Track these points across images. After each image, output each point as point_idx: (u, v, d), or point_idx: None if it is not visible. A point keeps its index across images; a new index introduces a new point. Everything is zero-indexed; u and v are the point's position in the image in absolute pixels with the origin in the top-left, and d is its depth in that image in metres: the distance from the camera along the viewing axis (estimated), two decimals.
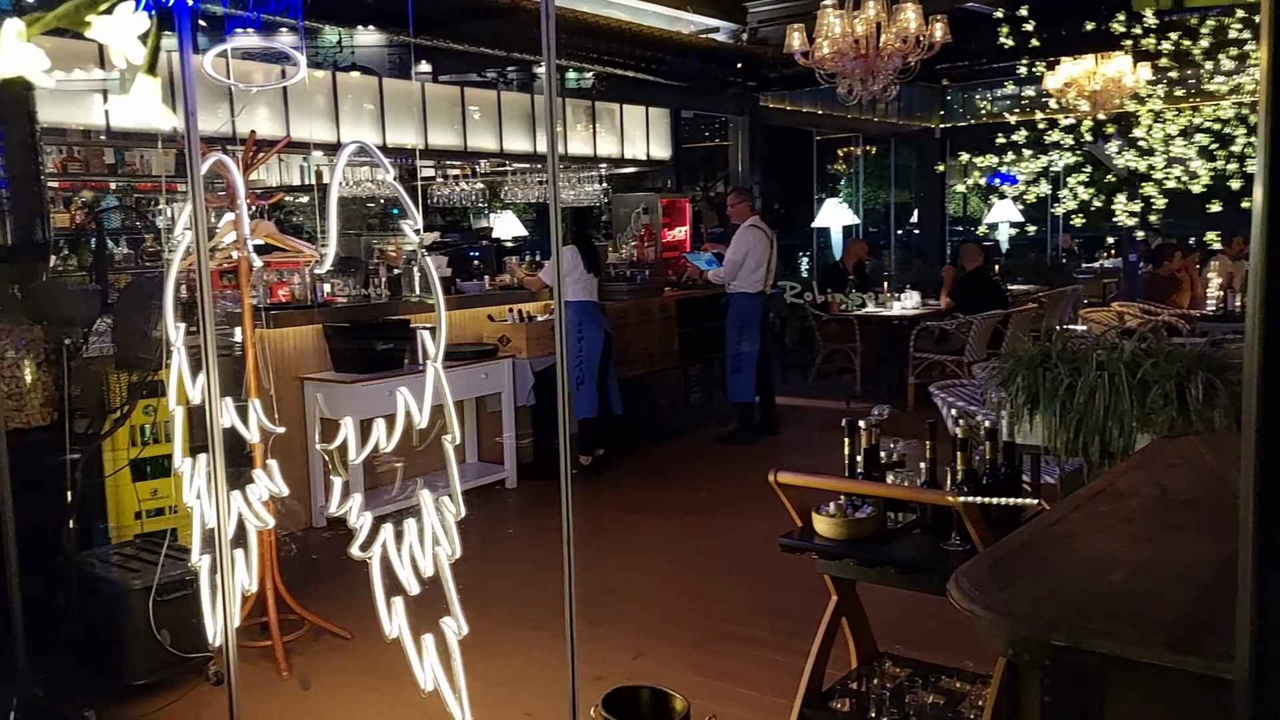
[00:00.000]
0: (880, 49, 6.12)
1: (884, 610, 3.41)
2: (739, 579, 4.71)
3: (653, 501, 6.09)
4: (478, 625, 2.71)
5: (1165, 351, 4.20)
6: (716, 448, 7.43)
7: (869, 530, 2.82)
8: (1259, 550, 1.26)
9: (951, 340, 8.63)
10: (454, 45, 7.27)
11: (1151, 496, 2.48)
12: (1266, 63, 1.21)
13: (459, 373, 5.84)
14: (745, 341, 7.41)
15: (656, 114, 10.05)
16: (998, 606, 1.80)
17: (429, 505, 2.64)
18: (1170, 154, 9.06)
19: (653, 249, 8.67)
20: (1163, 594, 1.82)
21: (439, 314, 2.82)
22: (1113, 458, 4.00)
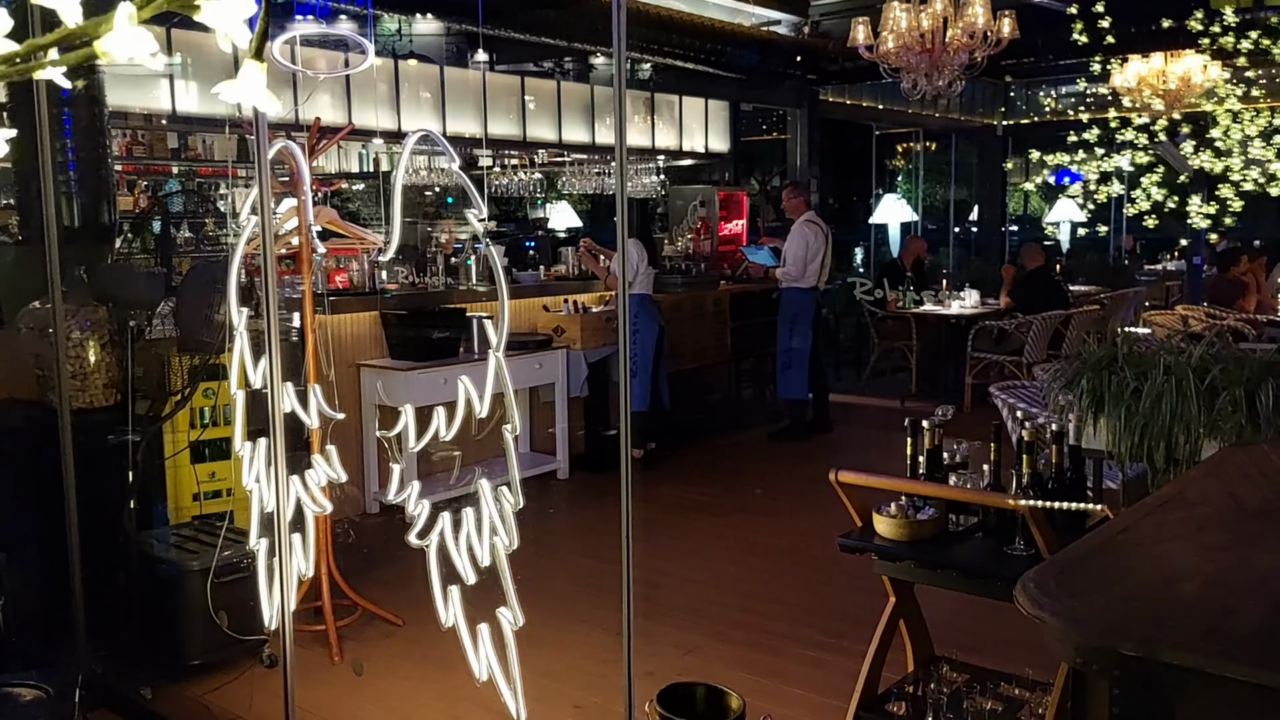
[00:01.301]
0: (946, 44, 6.01)
1: (940, 614, 3.36)
2: (790, 578, 4.67)
3: (703, 497, 6.06)
4: (531, 616, 2.72)
5: (1234, 357, 4.08)
6: (767, 444, 7.38)
7: (930, 532, 2.77)
8: None
9: (1010, 340, 8.48)
10: (517, 35, 7.28)
11: (1224, 506, 2.41)
12: None
13: (514, 362, 5.86)
14: (797, 337, 7.35)
15: (715, 106, 9.99)
16: (1066, 614, 1.75)
17: (488, 495, 2.65)
18: (1248, 155, 8.80)
19: (709, 242, 8.63)
20: (1237, 606, 1.77)
21: (501, 303, 2.83)
22: (1178, 464, 3.90)
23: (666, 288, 7.35)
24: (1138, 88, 8.32)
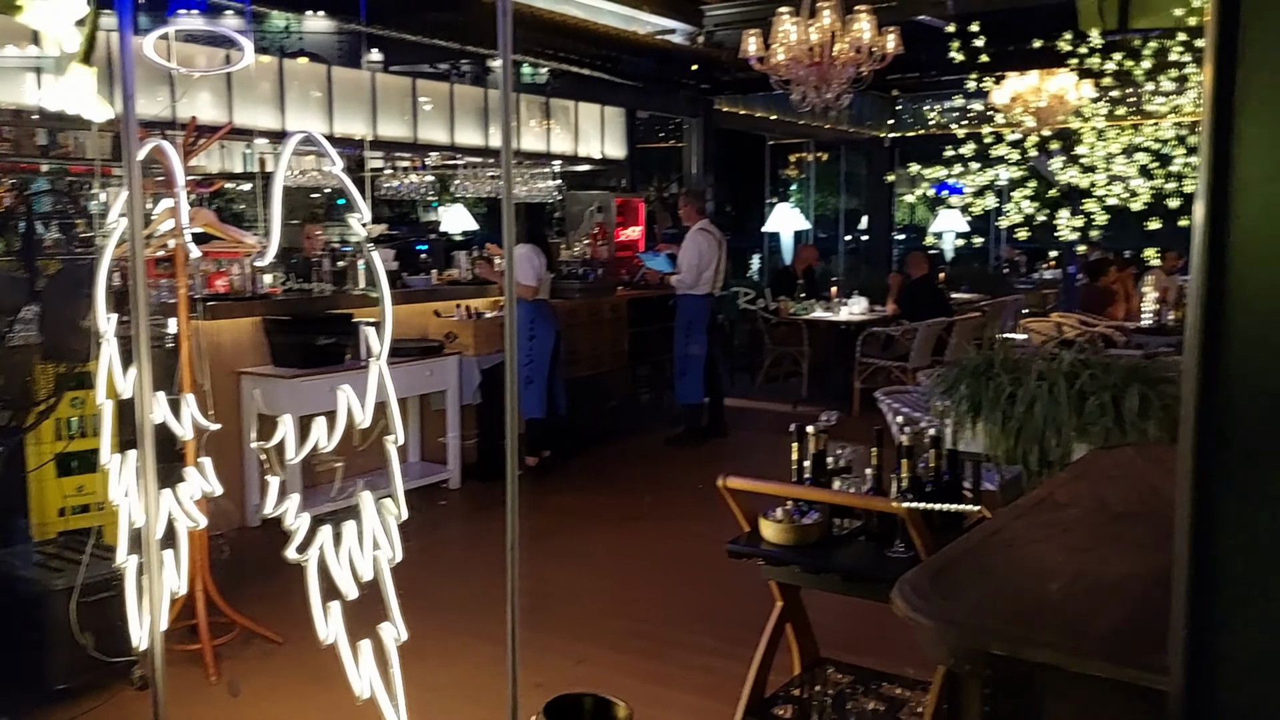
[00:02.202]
0: (834, 58, 6.15)
1: (828, 616, 3.42)
2: (684, 584, 4.69)
3: (599, 505, 6.05)
4: (416, 630, 2.65)
5: (1102, 363, 4.28)
6: (664, 450, 7.42)
7: (815, 536, 2.82)
8: (1193, 563, 1.27)
9: (897, 346, 8.72)
10: (407, 36, 7.17)
11: (1090, 507, 2.51)
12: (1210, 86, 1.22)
13: (403, 369, 5.76)
14: (693, 343, 7.41)
15: (611, 113, 10.02)
16: (940, 616, 1.80)
17: (370, 507, 2.58)
18: (1111, 171, 9.26)
19: (606, 248, 8.63)
20: (1100, 605, 1.83)
21: (384, 309, 2.76)
22: (1051, 466, 4.06)
23: (564, 293, 7.32)
24: (1011, 104, 8.67)
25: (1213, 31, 1.21)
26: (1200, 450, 1.26)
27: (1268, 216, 1.21)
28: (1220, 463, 1.26)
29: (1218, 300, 1.24)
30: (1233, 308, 1.24)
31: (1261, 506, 1.23)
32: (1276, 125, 1.19)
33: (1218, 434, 1.25)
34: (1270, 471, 1.22)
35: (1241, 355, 1.23)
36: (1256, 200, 1.22)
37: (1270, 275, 1.21)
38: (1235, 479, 1.25)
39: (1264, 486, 1.23)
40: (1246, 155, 1.22)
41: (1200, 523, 1.27)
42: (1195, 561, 1.27)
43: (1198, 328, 1.25)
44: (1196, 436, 1.26)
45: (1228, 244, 1.24)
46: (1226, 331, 1.24)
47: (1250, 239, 1.22)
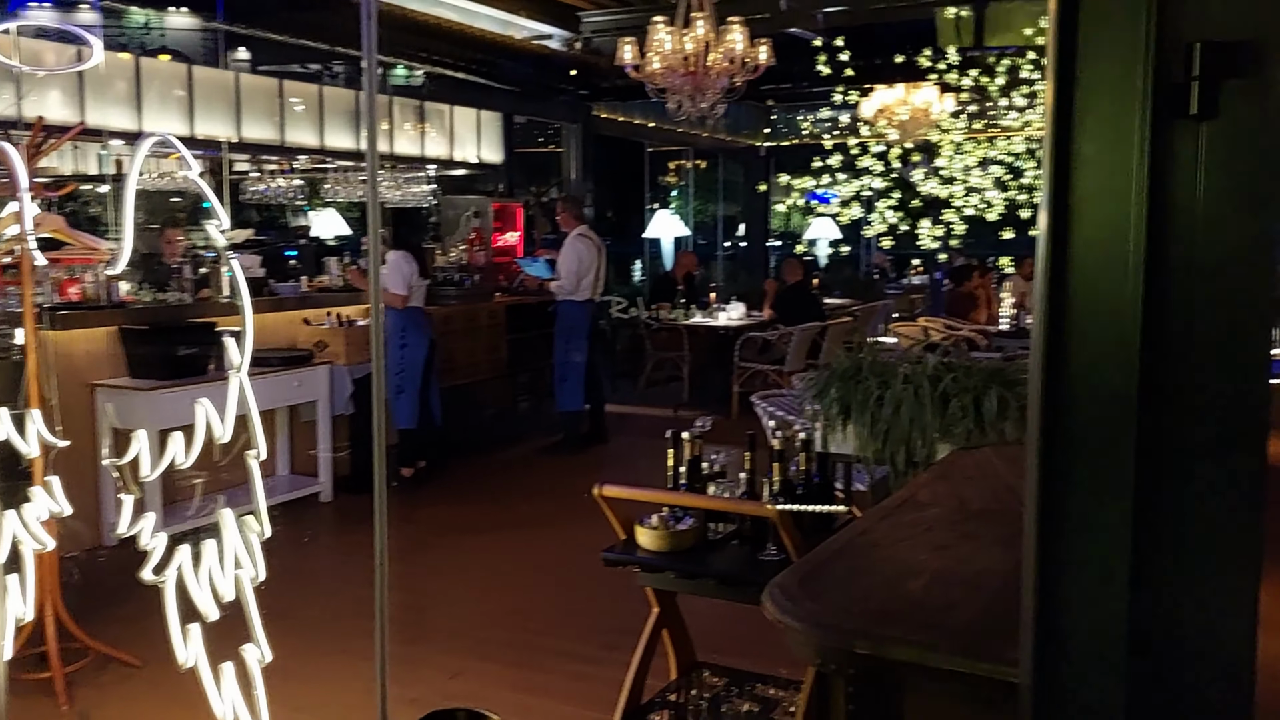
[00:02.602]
0: (708, 67, 6.24)
1: (706, 619, 3.46)
2: (561, 593, 4.67)
3: (476, 515, 5.98)
4: (285, 649, 2.57)
5: (964, 366, 4.44)
6: (543, 458, 7.38)
7: (690, 542, 2.85)
8: (1040, 558, 1.33)
9: (773, 350, 8.90)
10: (272, 35, 6.95)
11: (950, 506, 2.61)
12: (1051, 105, 1.29)
13: (270, 380, 5.58)
14: (573, 350, 7.40)
15: (488, 117, 9.93)
16: (807, 617, 1.84)
17: (230, 525, 2.49)
18: (969, 183, 9.69)
19: (483, 253, 8.55)
20: (957, 601, 1.91)
21: (245, 318, 2.66)
22: (916, 466, 4.20)
23: (440, 300, 7.21)
24: (877, 117, 8.97)
25: (1052, 55, 1.28)
26: (1046, 447, 1.32)
27: (1104, 229, 1.28)
28: (1064, 459, 1.32)
29: (1060, 306, 1.31)
30: (1073, 313, 1.31)
31: (1101, 501, 1.30)
32: (1111, 143, 1.27)
33: (1061, 432, 1.32)
34: (1108, 466, 1.29)
35: (1082, 357, 1.30)
36: (1094, 213, 1.29)
37: (1107, 283, 1.28)
38: (1077, 475, 1.32)
39: (1103, 481, 1.30)
40: (1084, 171, 1.29)
41: (1046, 518, 1.33)
42: (1042, 556, 1.33)
43: (1042, 332, 1.32)
44: (1042, 434, 1.32)
45: (1069, 254, 1.31)
46: (1068, 335, 1.31)
47: (1089, 250, 1.30)
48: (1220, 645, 1.27)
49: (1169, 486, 1.28)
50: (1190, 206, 1.26)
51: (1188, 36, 1.22)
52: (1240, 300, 1.25)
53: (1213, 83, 1.22)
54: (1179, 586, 1.28)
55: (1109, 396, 1.30)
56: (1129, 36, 1.24)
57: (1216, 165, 1.23)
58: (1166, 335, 1.27)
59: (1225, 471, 1.26)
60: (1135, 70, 1.24)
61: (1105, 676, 1.31)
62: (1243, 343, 1.26)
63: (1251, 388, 1.25)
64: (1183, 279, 1.26)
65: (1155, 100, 1.24)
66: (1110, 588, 1.30)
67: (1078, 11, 1.26)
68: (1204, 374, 1.27)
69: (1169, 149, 1.25)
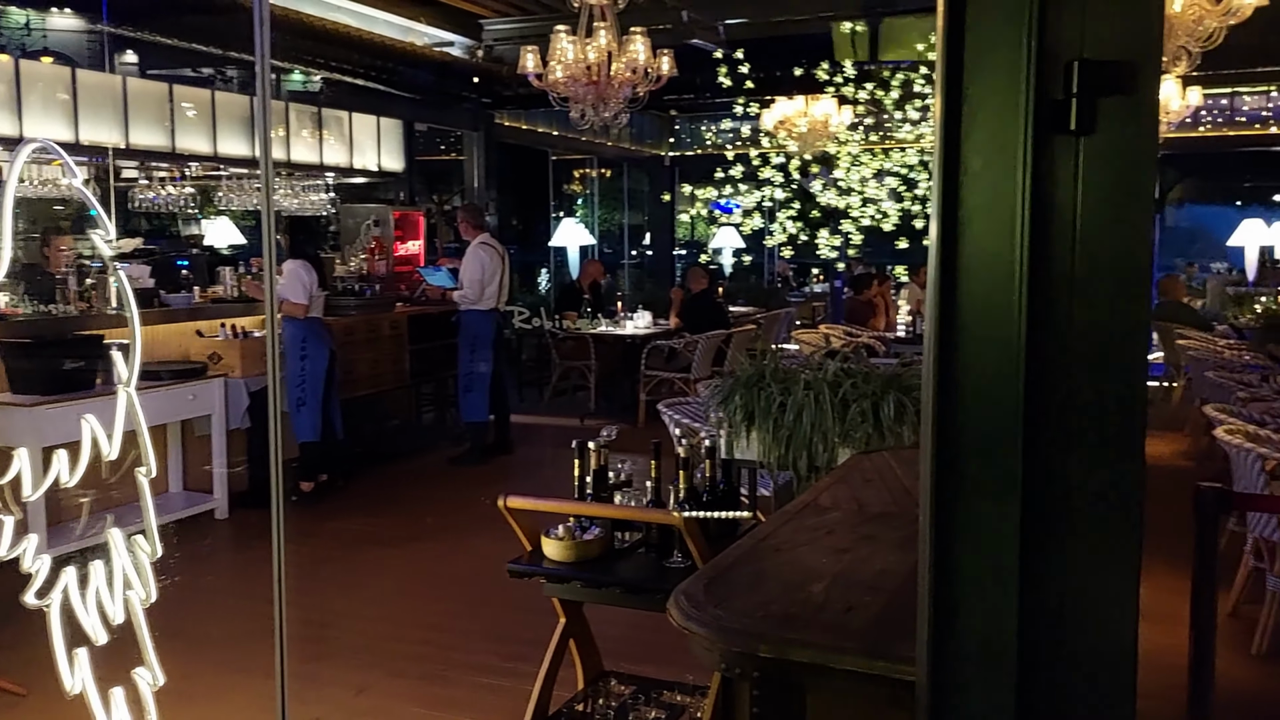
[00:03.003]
0: (611, 77, 6.27)
1: (613, 628, 3.46)
2: (468, 606, 4.62)
3: (379, 528, 5.87)
4: (182, 671, 2.48)
5: (863, 372, 4.55)
6: (448, 469, 7.29)
7: (597, 551, 2.85)
8: (935, 560, 1.37)
9: (680, 358, 8.97)
10: (161, 39, 6.72)
11: (850, 510, 2.67)
12: (940, 120, 1.33)
13: (161, 394, 5.39)
14: (477, 360, 7.33)
15: (389, 124, 9.79)
16: (712, 623, 1.86)
17: (119, 545, 2.39)
18: (865, 194, 9.95)
19: (384, 263, 8.41)
20: (857, 603, 1.95)
21: (134, 330, 2.57)
22: (818, 471, 4.28)
23: (339, 310, 7.07)
24: (777, 128, 9.15)
25: (941, 72, 1.33)
26: (939, 451, 1.37)
27: (990, 239, 1.33)
28: (955, 463, 1.37)
29: (950, 314, 1.36)
30: (963, 320, 1.35)
31: (991, 502, 1.35)
32: (996, 157, 1.32)
33: (953, 436, 1.36)
34: (997, 468, 1.34)
35: (971, 363, 1.35)
36: (981, 224, 1.34)
37: (994, 291, 1.33)
38: (969, 477, 1.36)
39: (992, 483, 1.34)
40: (972, 183, 1.34)
41: (940, 520, 1.37)
42: (937, 558, 1.37)
43: (934, 339, 1.36)
44: (935, 439, 1.37)
45: (958, 263, 1.36)
46: (958, 342, 1.36)
47: (977, 259, 1.34)
48: (1104, 637, 1.32)
49: (1055, 487, 1.33)
50: (1070, 217, 1.32)
51: (1067, 56, 1.28)
52: (1117, 307, 1.31)
53: (1090, 100, 1.28)
54: (1065, 582, 1.33)
55: (997, 401, 1.34)
56: (1012, 55, 1.29)
57: (1094, 178, 1.29)
58: (1049, 341, 1.32)
59: (1106, 472, 1.32)
60: (1018, 88, 1.29)
61: (997, 672, 1.35)
62: (1121, 347, 1.32)
63: (1129, 390, 1.31)
64: (1064, 287, 1.32)
65: (1037, 116, 1.29)
66: (1001, 585, 1.34)
67: (964, 32, 1.31)
68: (1085, 378, 1.32)
69: (1050, 163, 1.31)
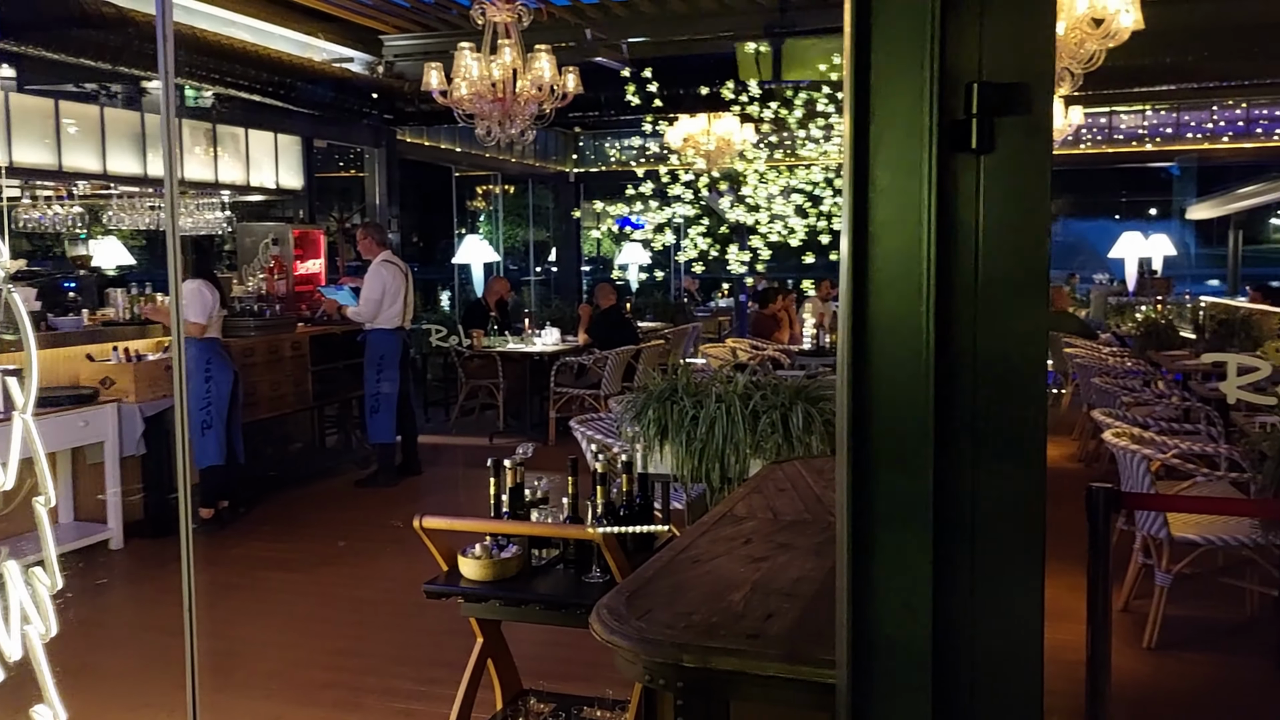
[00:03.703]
0: (517, 94, 6.27)
1: (531, 647, 3.45)
2: (381, 630, 4.53)
3: (285, 554, 5.72)
4: (83, 708, 2.38)
5: (772, 384, 4.64)
6: (355, 492, 7.15)
7: (514, 569, 2.84)
8: (853, 569, 1.41)
9: (589, 375, 8.98)
10: (44, 53, 6.46)
11: (765, 519, 2.72)
12: (849, 138, 1.38)
13: (51, 421, 5.16)
14: (384, 380, 7.22)
15: (287, 141, 9.59)
16: (635, 635, 1.87)
17: (16, 578, 2.28)
18: (772, 210, 10.15)
19: (284, 282, 8.22)
20: (776, 610, 1.99)
21: (29, 354, 2.47)
22: (731, 483, 4.34)
23: (238, 331, 6.88)
24: (684, 146, 9.27)
25: (849, 93, 1.38)
26: (855, 460, 1.41)
27: (899, 252, 1.39)
28: (870, 471, 1.41)
29: (862, 325, 1.40)
30: (874, 331, 1.40)
31: (904, 508, 1.40)
32: (903, 174, 1.37)
33: (867, 444, 1.41)
34: (909, 475, 1.39)
35: (883, 373, 1.40)
36: (890, 238, 1.39)
37: (902, 303, 1.38)
38: (883, 484, 1.41)
39: (905, 489, 1.39)
40: (880, 199, 1.39)
41: (857, 527, 1.41)
42: (855, 564, 1.41)
43: (847, 350, 1.40)
44: (850, 448, 1.41)
45: (868, 276, 1.41)
46: (870, 352, 1.40)
47: (886, 272, 1.40)
48: (1013, 638, 1.38)
49: (964, 489, 1.39)
50: (973, 231, 1.38)
51: (966, 78, 1.34)
52: (1018, 315, 1.37)
53: (989, 120, 1.34)
54: (976, 587, 1.38)
55: (908, 409, 1.39)
56: (916, 78, 1.35)
57: (994, 193, 1.36)
58: (955, 351, 1.38)
59: (1011, 479, 1.37)
60: (922, 108, 1.35)
61: (914, 671, 1.39)
62: (1022, 354, 1.38)
63: (1031, 397, 1.37)
64: (968, 298, 1.38)
65: (940, 135, 1.35)
66: (915, 592, 1.39)
67: (870, 56, 1.36)
68: (989, 385, 1.38)
69: (953, 179, 1.37)
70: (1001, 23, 1.35)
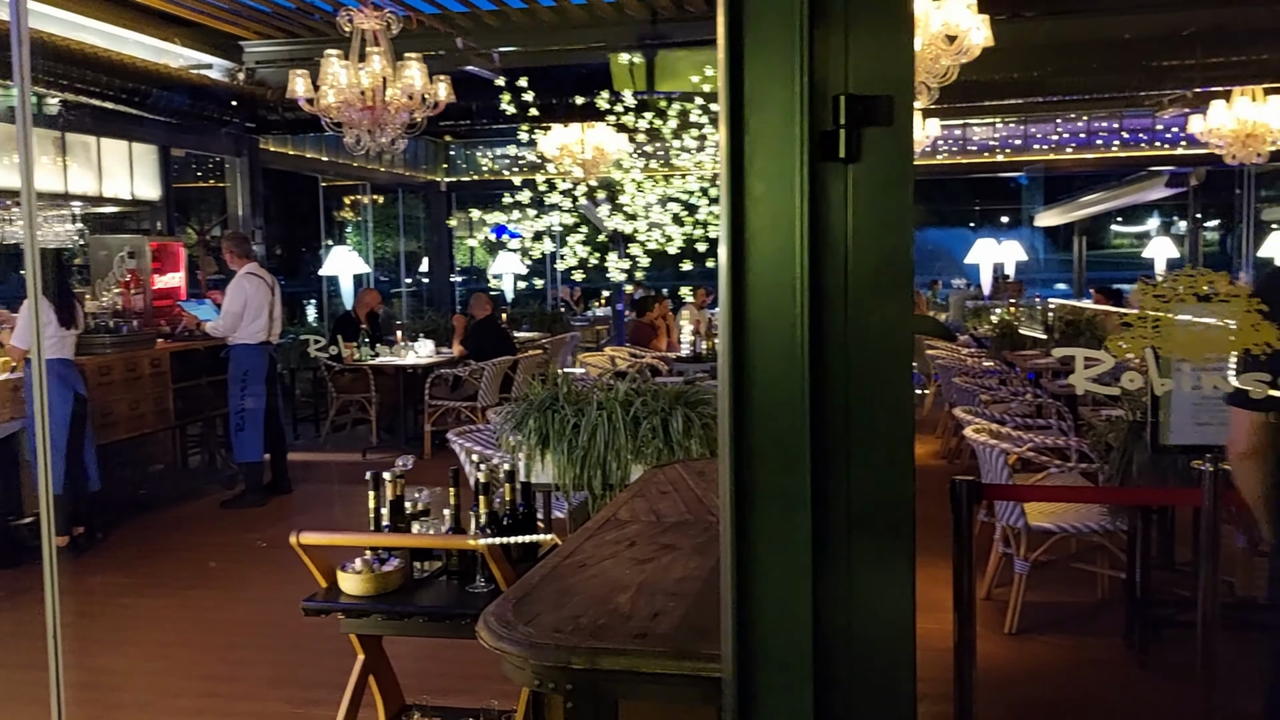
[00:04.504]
0: (387, 103, 6.17)
1: (414, 661, 3.39)
2: (254, 652, 4.38)
3: (149, 579, 5.46)
4: None
5: (651, 391, 4.70)
6: (224, 512, 6.89)
7: (396, 582, 2.80)
8: (736, 567, 1.45)
9: (465, 387, 8.88)
10: None
11: (649, 522, 2.76)
12: (725, 149, 1.43)
13: None
14: (250, 396, 6.98)
15: (142, 150, 9.18)
16: (523, 640, 1.88)
17: None
18: (650, 219, 10.27)
19: (141, 297, 7.86)
20: (662, 609, 2.03)
21: None
22: (613, 489, 4.38)
23: (93, 348, 6.54)
24: (560, 155, 9.29)
25: (724, 104, 1.43)
26: (736, 462, 1.45)
27: (774, 258, 1.44)
28: (751, 470, 1.46)
29: (741, 329, 1.45)
30: (752, 335, 1.45)
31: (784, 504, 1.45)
32: (777, 182, 1.42)
33: (748, 445, 1.46)
34: (789, 473, 1.44)
35: (761, 375, 1.45)
36: (765, 244, 1.45)
37: (778, 306, 1.44)
38: (763, 483, 1.46)
39: (785, 486, 1.44)
40: (755, 208, 1.44)
41: (739, 530, 1.46)
42: (737, 565, 1.46)
43: (728, 354, 1.45)
44: (732, 449, 1.45)
45: (745, 282, 1.45)
46: (749, 356, 1.45)
47: (762, 277, 1.45)
48: (887, 626, 1.44)
49: (839, 485, 1.45)
50: (842, 236, 1.44)
51: (834, 90, 1.41)
52: (886, 316, 1.44)
53: (856, 130, 1.41)
54: (852, 579, 1.44)
55: (786, 409, 1.44)
56: (786, 91, 1.40)
57: (862, 200, 1.43)
58: (828, 351, 1.44)
59: (882, 468, 1.44)
60: (793, 119, 1.41)
61: (796, 662, 1.45)
62: (890, 354, 1.45)
63: (899, 395, 1.45)
64: (838, 301, 1.44)
65: (810, 145, 1.41)
66: (795, 586, 1.44)
67: (744, 70, 1.41)
68: (860, 383, 1.44)
69: (823, 187, 1.43)
70: (865, 38, 1.41)
